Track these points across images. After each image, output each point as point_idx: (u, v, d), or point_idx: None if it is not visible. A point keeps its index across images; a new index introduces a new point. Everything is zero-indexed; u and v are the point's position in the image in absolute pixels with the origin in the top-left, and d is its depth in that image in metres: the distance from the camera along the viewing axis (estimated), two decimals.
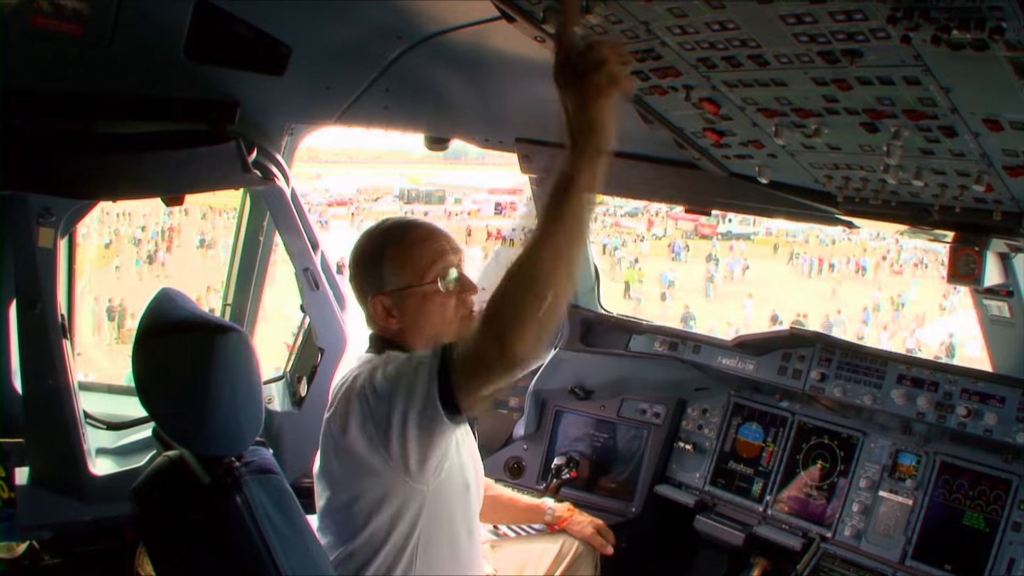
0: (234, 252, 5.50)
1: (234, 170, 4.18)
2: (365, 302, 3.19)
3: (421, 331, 3.15)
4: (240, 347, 2.51)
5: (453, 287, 3.15)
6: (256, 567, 2.55)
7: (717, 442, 5.05)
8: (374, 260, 3.14)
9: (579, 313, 5.57)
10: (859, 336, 35.74)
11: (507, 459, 5.56)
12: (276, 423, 5.19)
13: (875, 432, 4.45)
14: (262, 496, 2.60)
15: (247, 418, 2.58)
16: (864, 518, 4.34)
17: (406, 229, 3.19)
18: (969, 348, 30.50)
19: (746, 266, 50.29)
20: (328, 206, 66.80)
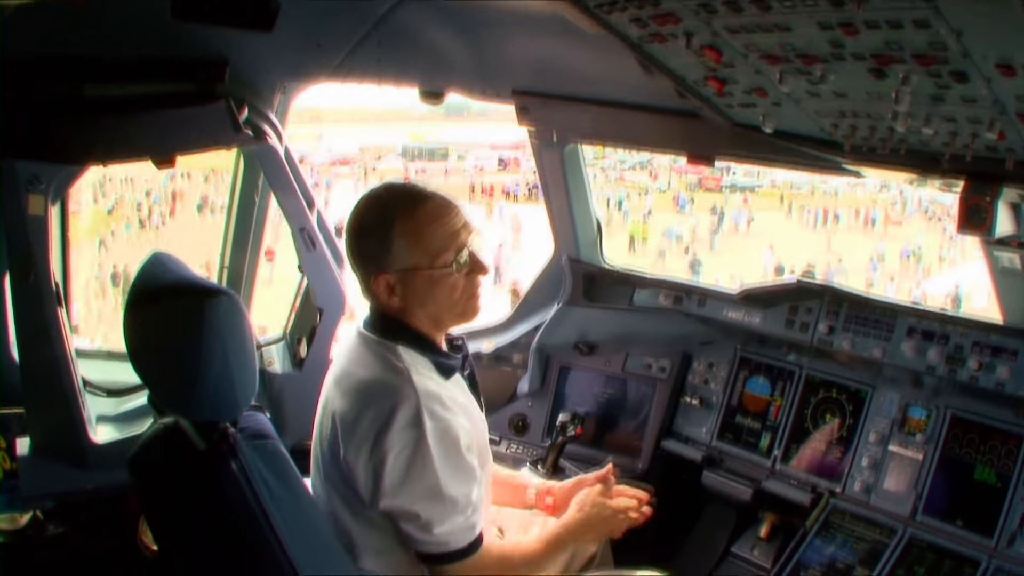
0: (229, 214, 5.44)
1: (225, 130, 4.11)
2: (366, 278, 3.04)
3: (425, 311, 3.06)
4: (231, 310, 2.47)
5: (464, 269, 3.04)
6: (253, 532, 2.55)
7: (724, 396, 4.99)
8: (380, 235, 2.96)
9: (581, 267, 5.48)
10: (868, 283, 35.66)
11: (511, 416, 5.53)
12: (277, 385, 5.17)
13: (884, 385, 4.38)
14: (258, 461, 2.58)
15: (241, 382, 2.55)
16: (874, 472, 4.28)
17: (417, 201, 2.99)
18: (975, 300, 30.39)
19: (751, 218, 50.05)
20: (331, 165, 66.50)
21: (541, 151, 5.17)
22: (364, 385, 2.96)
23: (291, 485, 2.69)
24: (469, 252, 3.03)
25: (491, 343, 5.66)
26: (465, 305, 3.09)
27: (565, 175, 5.21)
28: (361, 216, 3.02)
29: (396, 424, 2.84)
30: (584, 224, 5.45)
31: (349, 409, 2.93)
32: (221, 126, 4.09)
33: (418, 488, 2.88)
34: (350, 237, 3.04)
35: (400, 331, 3.05)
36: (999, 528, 3.84)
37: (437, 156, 71.55)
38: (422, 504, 2.90)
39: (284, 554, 2.57)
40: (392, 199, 3.02)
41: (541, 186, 5.40)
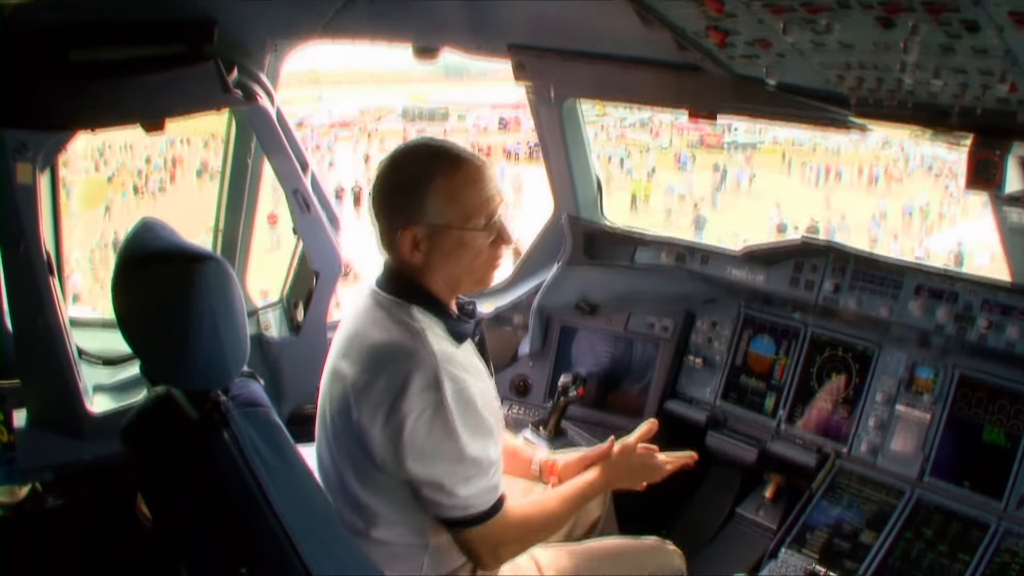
0: (223, 178, 5.34)
1: (213, 91, 3.99)
2: (391, 230, 2.93)
3: (445, 271, 2.98)
4: (219, 276, 2.40)
5: (492, 236, 2.97)
6: (247, 502, 2.51)
7: (728, 356, 4.92)
8: (416, 188, 2.88)
9: (581, 226, 5.39)
10: (872, 239, 35.54)
11: (512, 378, 5.47)
12: (274, 350, 5.11)
13: (891, 345, 4.30)
14: (250, 430, 2.53)
15: (231, 350, 2.49)
16: (880, 433, 4.22)
17: (458, 161, 2.92)
18: (978, 258, 30.30)
19: (752, 175, 49.90)
20: (331, 127, 66.41)
21: (539, 108, 5.08)
22: (378, 348, 2.88)
23: (285, 454, 2.64)
24: (499, 221, 2.98)
25: (491, 304, 5.59)
26: (483, 272, 3.03)
27: (564, 133, 5.13)
28: (398, 167, 2.95)
29: (414, 387, 2.77)
30: (584, 182, 5.36)
31: (362, 372, 2.86)
32: (210, 88, 3.98)
33: (440, 452, 2.82)
34: (382, 186, 2.95)
35: (416, 291, 2.98)
36: (1008, 490, 3.78)
37: (437, 117, 71.49)
38: (445, 467, 2.84)
39: (279, 524, 2.52)
40: (434, 155, 2.94)
41: (540, 144, 5.31)
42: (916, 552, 3.83)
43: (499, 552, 3.05)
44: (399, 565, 3.05)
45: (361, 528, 3.01)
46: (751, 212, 40.31)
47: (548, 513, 3.25)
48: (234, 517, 2.57)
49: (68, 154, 14.45)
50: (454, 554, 3.12)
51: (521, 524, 3.10)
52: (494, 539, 3.01)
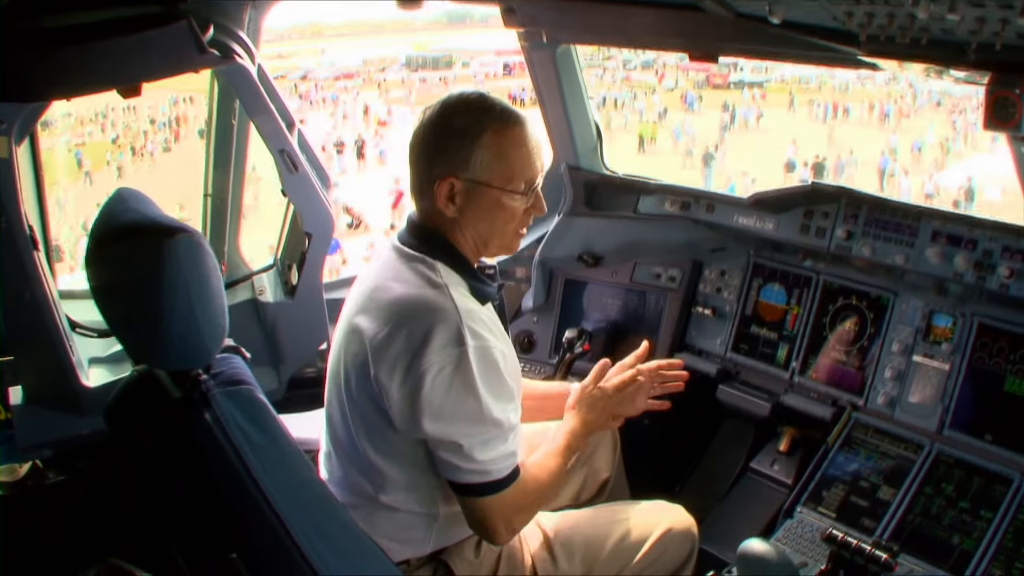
0: (208, 140, 5.26)
1: (188, 52, 3.84)
2: (430, 178, 2.87)
3: (475, 230, 2.94)
4: (192, 250, 2.34)
5: (528, 202, 2.96)
6: (234, 485, 2.48)
7: (738, 305, 4.76)
8: (466, 138, 2.83)
9: (581, 175, 5.22)
10: (882, 172, 35.15)
11: (517, 333, 5.34)
12: (270, 314, 5.05)
13: (907, 292, 4.13)
14: (233, 410, 2.48)
15: (208, 327, 2.42)
16: (898, 385, 4.06)
17: (511, 121, 2.88)
18: (988, 192, 29.98)
19: (760, 114, 49.50)
20: (335, 80, 66.31)
21: (532, 54, 4.90)
22: (399, 301, 2.82)
23: (271, 433, 2.57)
24: (536, 189, 2.96)
25: (491, 258, 5.41)
26: (512, 238, 3.02)
27: (559, 79, 4.94)
28: (448, 114, 2.88)
29: (435, 342, 2.72)
30: (582, 130, 5.19)
31: (382, 327, 2.79)
32: (185, 48, 3.83)
33: (460, 410, 2.77)
34: (428, 131, 2.89)
35: (441, 247, 2.93)
36: None
37: (441, 65, 71.57)
38: (464, 427, 2.78)
39: (269, 506, 2.48)
40: (488, 109, 2.88)
41: (536, 93, 5.13)
42: (936, 509, 3.71)
43: (513, 522, 2.99)
44: (405, 534, 3.03)
45: (370, 492, 2.97)
46: (759, 150, 39.87)
47: (552, 474, 3.17)
48: (222, 500, 2.54)
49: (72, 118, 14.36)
50: (462, 525, 3.06)
51: (535, 491, 3.06)
52: (510, 508, 2.95)
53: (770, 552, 2.99)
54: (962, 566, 3.51)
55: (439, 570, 3.11)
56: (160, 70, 3.91)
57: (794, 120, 48.37)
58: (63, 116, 42.24)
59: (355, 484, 2.99)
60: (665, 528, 3.44)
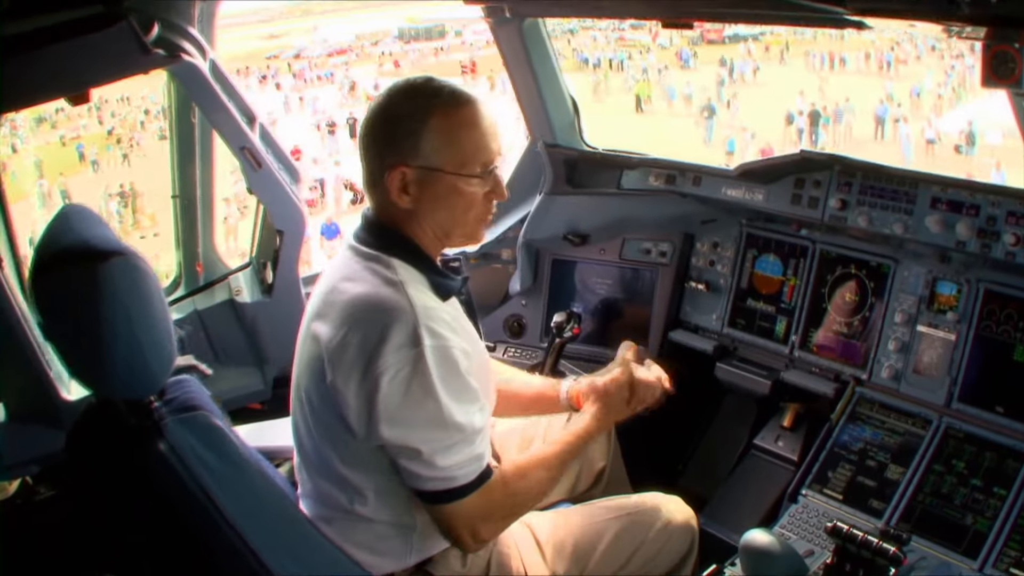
0: (171, 140, 5.08)
1: (132, 53, 3.71)
2: (380, 168, 2.72)
3: (433, 221, 2.78)
4: (129, 273, 2.24)
5: (487, 186, 2.79)
6: (198, 515, 2.43)
7: (732, 279, 4.61)
8: (412, 124, 2.68)
9: (560, 152, 5.02)
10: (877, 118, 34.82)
11: (506, 317, 5.20)
12: (249, 314, 4.92)
13: (908, 259, 3.95)
14: (188, 438, 2.42)
15: (154, 353, 2.34)
16: (902, 357, 3.89)
17: (459, 101, 2.73)
18: (990, 136, 29.66)
19: (756, 68, 49.04)
20: (328, 56, 66.07)
21: (497, 29, 4.71)
22: (354, 302, 2.67)
23: (232, 458, 2.51)
24: (495, 172, 2.80)
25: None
26: (474, 226, 2.85)
27: (528, 54, 4.75)
28: (394, 100, 2.74)
29: (391, 343, 2.56)
30: (557, 105, 4.99)
31: (336, 329, 2.64)
32: (128, 50, 3.70)
33: (419, 415, 2.61)
34: (375, 120, 2.74)
35: (398, 243, 2.78)
36: None
37: (434, 35, 71.20)
38: (424, 432, 2.62)
39: (236, 533, 2.45)
40: (435, 92, 2.73)
41: (505, 69, 4.94)
42: (947, 487, 3.56)
43: (480, 531, 2.79)
44: (385, 546, 2.88)
45: (343, 504, 2.81)
46: (758, 104, 39.57)
47: (540, 481, 2.97)
48: (187, 530, 2.49)
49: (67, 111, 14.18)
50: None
51: (507, 498, 2.86)
52: (476, 516, 2.76)
53: (774, 544, 2.88)
54: (976, 548, 3.36)
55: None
56: (105, 75, 3.81)
57: (792, 72, 47.91)
58: (56, 111, 42.25)
59: (327, 496, 2.84)
60: (663, 523, 3.29)
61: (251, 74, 57.84)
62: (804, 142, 34.64)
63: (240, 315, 4.94)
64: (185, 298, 5.05)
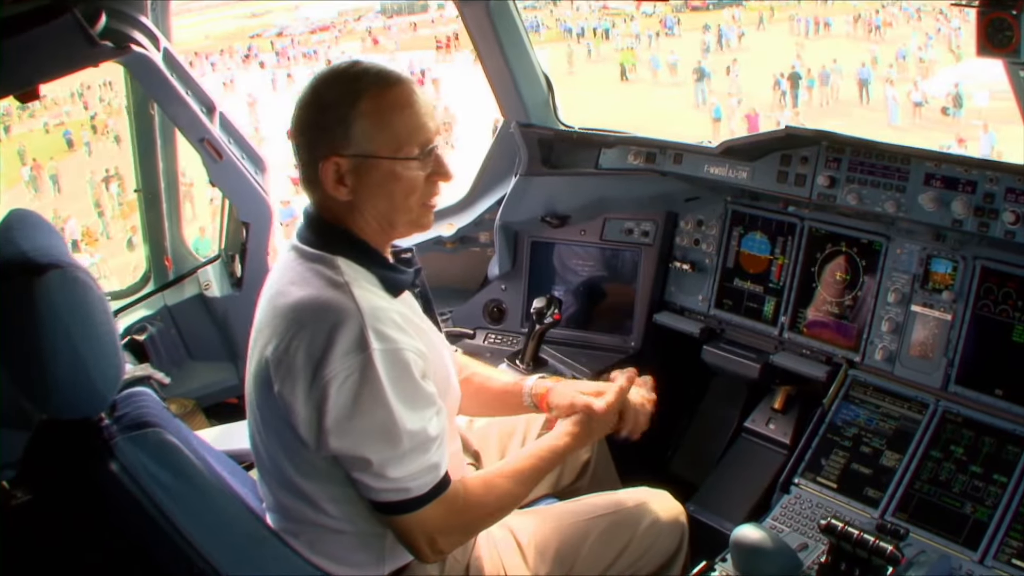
0: (132, 132, 4.99)
1: (79, 46, 3.60)
2: (313, 161, 2.59)
3: (375, 211, 2.65)
4: (67, 287, 2.18)
5: (428, 168, 2.65)
6: (154, 535, 2.39)
7: (718, 258, 4.47)
8: (340, 111, 2.55)
9: (534, 132, 4.85)
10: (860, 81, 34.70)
11: (486, 303, 5.04)
12: (219, 308, 4.90)
13: (901, 236, 3.80)
14: (140, 456, 2.36)
15: (99, 370, 2.28)
16: (896, 338, 3.75)
17: (387, 82, 2.60)
18: (977, 98, 29.54)
19: (741, 33, 48.85)
20: (311, 34, 65.73)
21: (463, 8, 4.54)
22: (297, 306, 2.53)
23: (187, 475, 2.45)
24: (435, 152, 2.66)
25: (452, 224, 5.12)
26: (419, 212, 2.70)
27: (496, 31, 4.56)
28: (319, 89, 2.63)
29: (337, 349, 2.43)
30: (529, 83, 4.82)
31: (281, 336, 2.50)
32: (74, 43, 3.60)
33: (367, 424, 2.47)
34: (303, 111, 2.61)
35: (341, 240, 2.65)
36: None
37: (417, 8, 70.90)
38: (373, 444, 2.48)
39: (197, 553, 2.42)
40: (360, 75, 2.60)
41: (473, 49, 4.75)
42: (945, 474, 3.43)
43: (438, 542, 2.68)
44: (356, 556, 2.77)
45: (306, 515, 2.70)
46: (744, 70, 39.35)
47: (503, 495, 2.87)
48: (144, 551, 2.44)
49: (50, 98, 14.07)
50: None
51: (467, 510, 2.75)
52: (433, 527, 2.65)
53: (765, 540, 2.78)
54: (976, 538, 3.24)
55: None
56: (53, 70, 3.68)
57: (776, 37, 47.71)
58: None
59: (289, 508, 2.71)
60: (650, 521, 3.18)
61: (235, 53, 57.62)
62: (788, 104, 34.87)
63: (211, 309, 4.89)
64: (154, 294, 4.98)
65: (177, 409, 4.52)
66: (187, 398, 4.74)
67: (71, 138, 40.87)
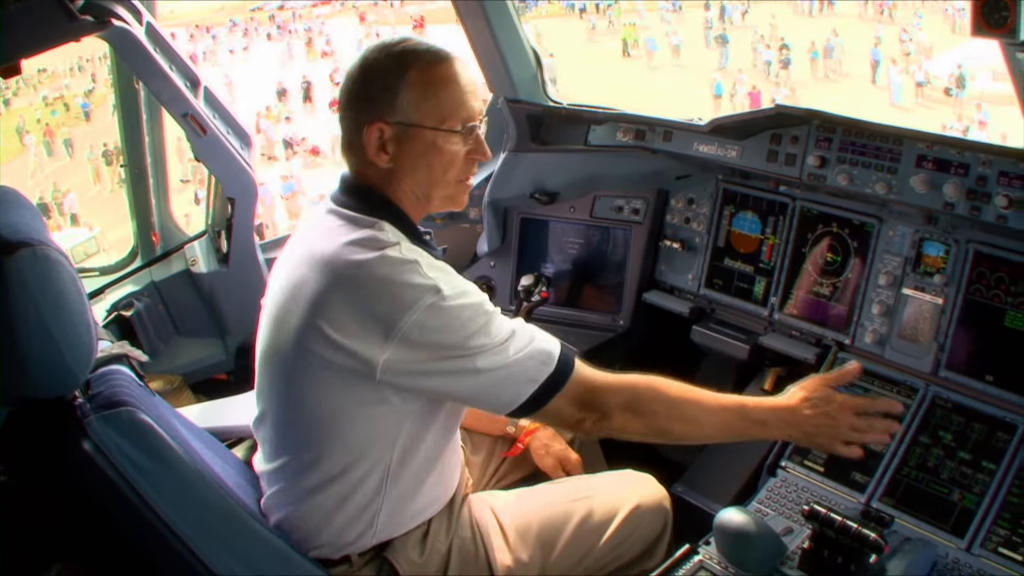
0: (117, 107, 5.00)
1: (58, 21, 3.56)
2: (357, 126, 2.66)
3: (413, 181, 2.70)
4: (39, 265, 2.16)
5: (468, 145, 2.72)
6: (130, 516, 2.38)
7: (708, 237, 4.41)
8: (389, 79, 2.63)
9: (523, 108, 4.80)
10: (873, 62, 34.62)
11: (475, 280, 4.90)
12: (206, 285, 4.91)
13: (893, 218, 3.74)
14: (113, 436, 2.35)
15: (72, 349, 2.26)
16: (886, 321, 3.70)
17: (438, 57, 2.68)
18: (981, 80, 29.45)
19: (745, 10, 48.54)
20: (313, 7, 65.36)
21: None
22: (353, 264, 2.54)
23: (160, 454, 2.42)
24: (476, 131, 2.73)
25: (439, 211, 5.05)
26: (456, 188, 2.77)
27: (483, 5, 4.49)
28: (370, 59, 2.70)
29: (407, 300, 2.48)
30: (517, 58, 4.74)
31: (342, 295, 2.52)
32: (54, 17, 3.57)
33: (457, 338, 2.52)
34: (351, 79, 2.69)
35: (382, 206, 2.69)
36: None
37: None
38: (471, 340, 2.53)
39: (173, 533, 2.40)
40: (411, 49, 2.69)
41: (460, 23, 4.68)
42: (934, 460, 3.36)
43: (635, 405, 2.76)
44: (348, 527, 2.75)
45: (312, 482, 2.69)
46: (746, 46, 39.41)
47: (701, 403, 2.85)
48: (120, 534, 2.44)
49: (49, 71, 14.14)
50: (406, 515, 2.82)
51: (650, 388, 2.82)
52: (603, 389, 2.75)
53: (749, 524, 2.76)
54: (963, 526, 3.18)
55: (383, 569, 2.84)
56: (33, 45, 3.63)
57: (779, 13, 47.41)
58: (38, 71, 42.20)
59: (293, 475, 2.71)
60: (633, 505, 3.16)
61: (236, 28, 57.43)
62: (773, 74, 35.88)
63: (198, 285, 4.89)
64: (141, 270, 4.98)
65: (163, 385, 4.51)
66: (174, 374, 4.73)
67: (89, 110, 41.23)
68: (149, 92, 4.72)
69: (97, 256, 21.95)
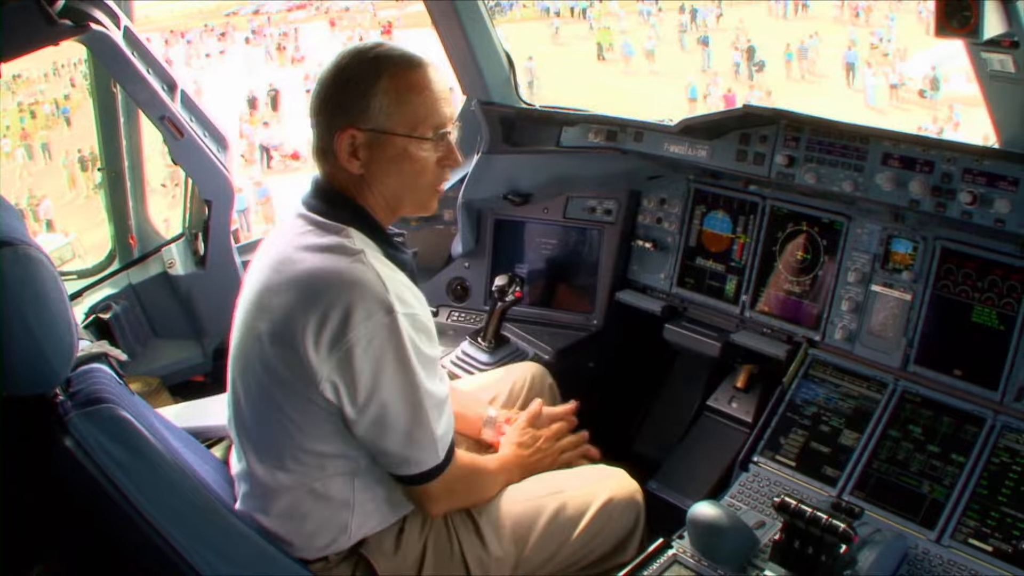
0: (95, 111, 5.02)
1: (37, 25, 3.63)
2: (329, 132, 2.68)
3: (385, 188, 2.73)
4: (21, 264, 2.19)
5: (440, 152, 2.76)
6: (110, 513, 2.41)
7: (680, 237, 4.45)
8: (361, 85, 2.65)
9: (495, 110, 4.81)
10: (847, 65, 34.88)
11: (449, 281, 5.03)
12: (183, 287, 4.89)
13: (862, 216, 3.79)
14: (94, 432, 2.39)
15: (53, 347, 2.29)
16: (856, 317, 3.75)
17: (410, 64, 2.71)
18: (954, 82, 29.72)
19: (720, 13, 48.62)
20: (288, 11, 65.31)
21: None
22: (314, 272, 2.59)
23: (141, 451, 2.46)
24: (447, 138, 2.77)
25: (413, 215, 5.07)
26: (427, 194, 2.83)
27: (456, 8, 4.51)
28: (343, 64, 2.72)
29: (359, 313, 2.52)
30: (490, 61, 4.76)
31: (297, 301, 2.57)
32: (33, 22, 3.63)
33: (391, 384, 2.60)
34: (324, 84, 2.71)
35: (352, 212, 2.73)
36: (1004, 379, 3.31)
37: None
38: (398, 404, 2.63)
39: (154, 530, 2.43)
40: (384, 54, 2.71)
41: (433, 26, 4.69)
42: (903, 454, 3.41)
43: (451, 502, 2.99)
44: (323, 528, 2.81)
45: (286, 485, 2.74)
46: (722, 48, 39.57)
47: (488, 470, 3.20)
48: (102, 530, 2.48)
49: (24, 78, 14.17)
50: (380, 514, 2.88)
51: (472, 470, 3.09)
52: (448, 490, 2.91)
53: (721, 518, 2.81)
54: (933, 518, 3.23)
55: (359, 567, 2.87)
56: (12, 49, 3.71)
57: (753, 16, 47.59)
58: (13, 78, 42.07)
59: (267, 479, 2.74)
60: (605, 499, 3.19)
61: (213, 32, 57.22)
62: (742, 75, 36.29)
63: (175, 287, 4.88)
64: (119, 272, 4.99)
65: (141, 387, 4.50)
66: (152, 376, 4.72)
67: (69, 116, 41.03)
68: (126, 95, 4.74)
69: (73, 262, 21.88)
